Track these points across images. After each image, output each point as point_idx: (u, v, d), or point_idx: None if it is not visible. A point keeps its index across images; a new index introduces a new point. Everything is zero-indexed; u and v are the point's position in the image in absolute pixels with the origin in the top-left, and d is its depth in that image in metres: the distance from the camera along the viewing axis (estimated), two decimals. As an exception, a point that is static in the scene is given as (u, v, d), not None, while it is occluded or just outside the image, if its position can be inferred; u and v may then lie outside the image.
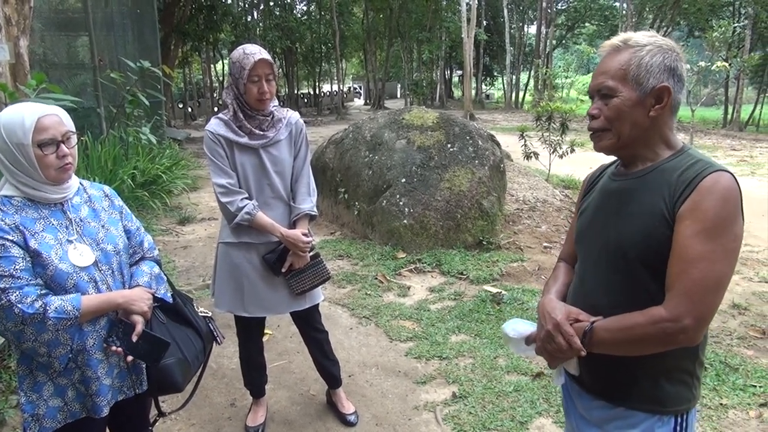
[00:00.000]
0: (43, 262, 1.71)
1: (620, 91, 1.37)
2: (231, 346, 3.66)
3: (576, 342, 1.38)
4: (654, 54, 1.36)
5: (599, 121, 1.42)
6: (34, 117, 1.71)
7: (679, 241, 1.30)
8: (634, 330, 1.32)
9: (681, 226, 1.30)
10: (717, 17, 24.82)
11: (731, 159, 13.52)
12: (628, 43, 1.39)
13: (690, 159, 1.37)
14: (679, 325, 1.27)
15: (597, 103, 1.42)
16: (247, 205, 2.56)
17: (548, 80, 24.99)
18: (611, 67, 1.39)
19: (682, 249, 1.29)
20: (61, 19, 9.39)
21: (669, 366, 1.40)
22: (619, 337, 1.35)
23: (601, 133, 1.43)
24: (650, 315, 1.30)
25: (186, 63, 28.31)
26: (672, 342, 1.31)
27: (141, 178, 7.46)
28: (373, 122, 6.74)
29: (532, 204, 6.87)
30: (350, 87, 50.72)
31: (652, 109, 1.37)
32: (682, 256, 1.29)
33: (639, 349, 1.35)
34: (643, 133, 1.40)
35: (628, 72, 1.36)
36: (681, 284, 1.28)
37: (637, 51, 1.37)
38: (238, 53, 2.51)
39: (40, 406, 1.77)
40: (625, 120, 1.38)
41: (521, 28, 39.62)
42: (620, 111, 1.37)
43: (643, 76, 1.35)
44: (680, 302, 1.27)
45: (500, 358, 3.65)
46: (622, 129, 1.39)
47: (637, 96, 1.36)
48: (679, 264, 1.29)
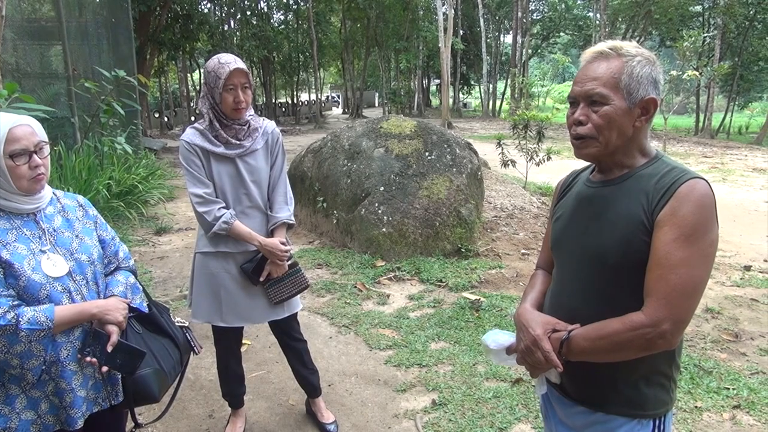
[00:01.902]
0: (15, 272, 1.68)
1: (612, 99, 1.36)
2: (209, 356, 3.62)
3: (553, 358, 1.40)
4: (644, 65, 1.37)
5: (587, 128, 1.40)
6: (6, 127, 1.69)
7: (657, 247, 1.32)
8: (614, 337, 1.33)
9: (660, 233, 1.32)
10: (687, 27, 25.40)
11: (703, 166, 13.79)
12: (619, 52, 1.38)
13: (665, 166, 1.39)
14: (658, 330, 1.29)
15: (584, 109, 1.40)
16: (224, 214, 2.54)
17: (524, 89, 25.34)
18: (602, 74, 1.38)
19: (661, 255, 1.31)
20: (34, 28, 9.25)
21: (647, 370, 1.42)
22: (598, 345, 1.36)
23: (587, 140, 1.41)
24: (629, 321, 1.32)
25: (162, 72, 28.13)
26: (652, 347, 1.32)
27: (117, 188, 7.36)
28: (352, 131, 6.75)
29: (509, 211, 6.93)
30: (328, 96, 50.76)
31: (638, 120, 1.39)
32: (661, 262, 1.30)
33: (619, 356, 1.37)
34: (625, 142, 1.41)
35: (620, 81, 1.36)
36: (660, 290, 1.30)
37: (628, 60, 1.37)
38: (214, 62, 2.51)
39: (12, 419, 1.73)
40: (614, 128, 1.38)
41: (497, 37, 40.11)
42: (611, 119, 1.37)
43: (633, 86, 1.36)
44: (659, 307, 1.29)
45: (479, 365, 3.66)
46: (610, 137, 1.39)
47: (626, 106, 1.37)
48: (658, 270, 1.31)
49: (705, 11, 26.67)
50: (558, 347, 1.40)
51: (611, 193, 1.44)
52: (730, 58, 25.90)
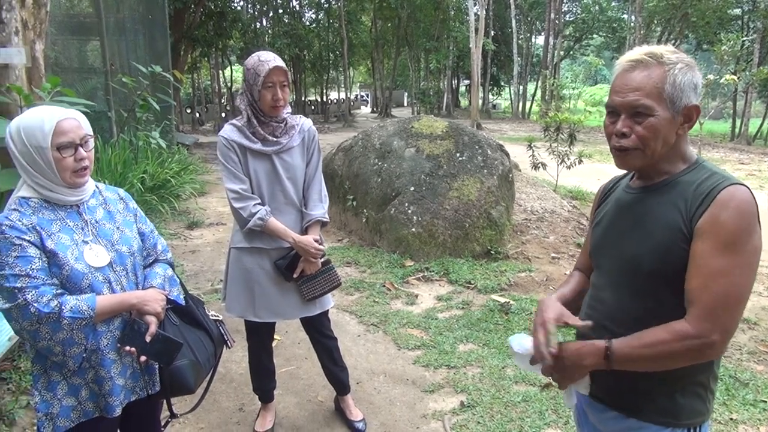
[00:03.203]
0: (59, 262, 1.72)
1: (656, 110, 1.32)
2: (239, 350, 3.67)
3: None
4: (685, 72, 1.33)
5: (631, 140, 1.36)
6: (54, 120, 1.73)
7: (698, 256, 1.29)
8: (660, 347, 1.30)
9: (700, 241, 1.29)
10: (725, 30, 24.81)
11: (740, 173, 13.47)
12: (659, 60, 1.34)
13: (705, 172, 1.36)
14: (706, 341, 1.26)
15: (626, 121, 1.36)
16: (259, 210, 2.57)
17: (555, 91, 25.06)
18: (644, 84, 1.33)
19: (703, 264, 1.28)
20: (74, 23, 9.47)
21: (683, 379, 1.39)
22: (643, 354, 1.33)
23: (632, 151, 1.37)
24: (675, 331, 1.29)
25: (195, 68, 28.49)
26: (699, 357, 1.31)
27: (150, 182, 7.49)
28: (383, 130, 6.76)
29: (540, 214, 6.86)
30: (357, 95, 50.90)
31: (681, 128, 1.36)
32: (702, 271, 1.28)
33: (663, 365, 1.34)
34: (669, 150, 1.38)
35: (663, 90, 1.32)
36: (703, 300, 1.27)
37: (671, 69, 1.33)
38: (253, 60, 2.53)
39: (54, 405, 1.77)
40: (659, 139, 1.34)
41: (529, 38, 39.74)
42: (656, 131, 1.33)
43: (676, 95, 1.32)
44: (705, 318, 1.26)
45: (508, 368, 3.64)
46: (655, 149, 1.35)
47: (670, 115, 1.33)
48: (700, 279, 1.28)
49: (744, 14, 26.07)
50: (602, 354, 1.37)
51: (650, 199, 1.42)
52: (770, 62, 25.23)
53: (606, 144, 1.49)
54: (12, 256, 1.65)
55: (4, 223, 1.68)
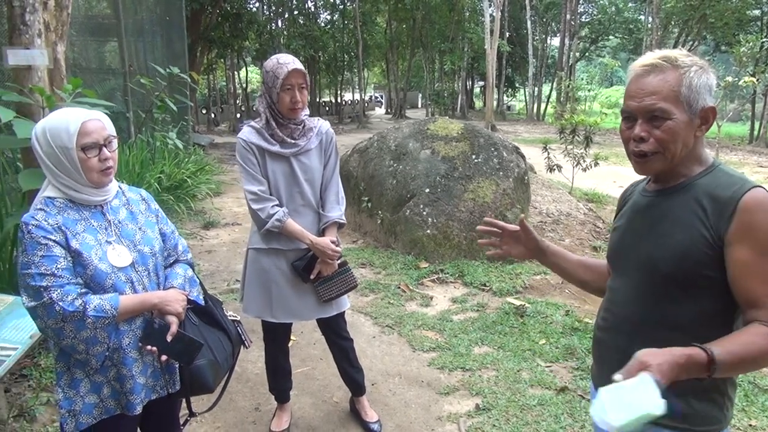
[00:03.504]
0: (84, 261, 1.75)
1: (674, 113, 1.33)
2: (254, 350, 3.69)
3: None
4: (700, 75, 1.34)
5: (650, 144, 1.36)
6: (79, 121, 1.76)
7: (749, 264, 1.28)
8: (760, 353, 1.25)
9: (742, 250, 1.29)
10: (744, 32, 24.49)
11: (758, 176, 13.32)
12: (674, 63, 1.34)
13: (722, 175, 1.37)
14: None
15: (644, 125, 1.36)
16: (277, 212, 2.59)
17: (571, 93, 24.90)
18: (660, 87, 1.34)
19: (759, 271, 1.28)
20: (92, 24, 9.58)
21: (699, 384, 1.37)
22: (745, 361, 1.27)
23: (652, 156, 1.38)
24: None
25: (210, 69, 28.69)
26: None
27: (167, 182, 7.56)
28: (398, 132, 6.77)
29: (555, 217, 6.83)
30: (371, 96, 50.93)
31: (698, 130, 1.36)
32: (760, 278, 1.28)
33: (755, 369, 1.37)
34: (687, 153, 1.38)
35: (679, 93, 1.33)
36: None
37: (686, 71, 1.34)
38: (272, 63, 2.55)
39: (76, 402, 1.80)
40: (679, 142, 1.35)
41: (544, 40, 39.54)
42: (675, 134, 1.34)
43: (693, 97, 1.33)
44: None
45: (524, 372, 3.63)
46: (675, 152, 1.36)
47: (687, 118, 1.34)
48: (763, 286, 1.28)
49: (764, 15, 25.72)
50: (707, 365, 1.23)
51: (667, 202, 1.42)
52: (790, 64, 24.89)
53: (622, 146, 1.49)
54: (38, 255, 1.68)
55: (30, 223, 1.71)
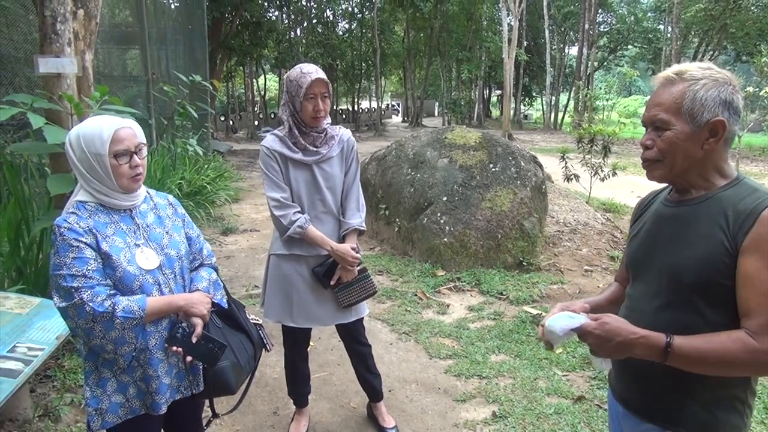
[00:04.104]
0: (113, 264, 1.80)
1: (673, 124, 1.38)
2: (273, 355, 3.73)
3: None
4: (709, 88, 1.36)
5: (652, 152, 1.44)
6: (112, 129, 1.82)
7: (751, 274, 1.30)
8: (726, 354, 1.30)
9: (750, 259, 1.31)
10: (766, 42, 24.27)
11: (779, 187, 13.15)
12: (682, 76, 1.39)
13: (747, 189, 1.38)
14: None
15: (650, 134, 1.44)
16: (299, 218, 2.63)
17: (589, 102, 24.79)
18: (665, 99, 1.40)
19: (758, 282, 1.30)
20: (116, 33, 9.75)
21: (721, 393, 1.40)
22: (706, 357, 1.32)
23: (654, 163, 1.45)
24: (743, 343, 1.29)
25: (230, 77, 29.01)
26: (763, 372, 1.34)
27: (187, 188, 7.67)
28: (416, 140, 6.81)
29: (572, 226, 6.82)
30: (388, 104, 51.11)
31: (706, 142, 1.38)
32: (759, 289, 1.30)
33: (723, 371, 1.35)
34: (696, 164, 1.41)
35: (681, 105, 1.37)
36: (763, 317, 1.29)
37: (691, 85, 1.37)
38: (296, 72, 2.60)
39: (103, 401, 1.85)
40: (678, 152, 1.39)
41: (562, 49, 39.46)
42: (673, 144, 1.39)
43: (697, 110, 1.36)
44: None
45: (540, 380, 3.63)
46: (674, 161, 1.41)
47: (690, 129, 1.37)
48: (757, 297, 1.30)
49: (786, 25, 25.46)
50: (661, 349, 1.34)
51: (689, 213, 1.44)
52: (812, 74, 24.57)
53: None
54: (70, 257, 1.74)
55: (62, 226, 1.77)
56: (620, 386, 1.61)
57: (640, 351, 1.36)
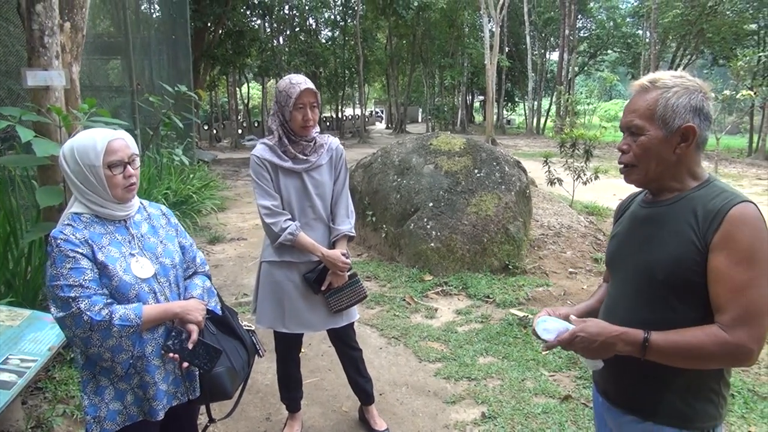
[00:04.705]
0: (109, 273, 1.84)
1: (647, 129, 1.47)
2: (265, 362, 3.77)
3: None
4: (680, 95, 1.45)
5: (628, 156, 1.52)
6: (105, 140, 1.86)
7: (720, 271, 1.38)
8: (699, 348, 1.38)
9: (719, 256, 1.39)
10: (741, 46, 24.76)
11: (757, 188, 13.41)
12: (656, 84, 1.48)
13: (715, 190, 1.47)
14: (745, 350, 1.36)
15: (626, 139, 1.53)
16: (290, 226, 2.68)
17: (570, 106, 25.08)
18: (639, 106, 1.49)
19: (727, 278, 1.37)
20: (99, 44, 9.73)
21: (695, 384, 1.48)
22: (680, 351, 1.40)
23: (630, 167, 1.53)
24: (715, 336, 1.37)
25: (213, 86, 28.93)
26: (736, 363, 1.42)
27: (173, 197, 7.67)
28: (402, 147, 6.89)
29: (557, 230, 6.92)
30: (372, 111, 51.23)
31: (678, 147, 1.47)
32: (728, 285, 1.37)
33: (694, 364, 1.43)
34: (669, 168, 1.49)
35: (655, 112, 1.46)
36: (734, 311, 1.37)
37: (664, 92, 1.46)
38: (285, 83, 2.66)
39: (101, 408, 1.88)
40: (652, 157, 1.48)
41: (543, 54, 39.84)
42: (647, 149, 1.48)
43: (669, 116, 1.45)
44: (739, 328, 1.36)
45: (528, 381, 3.70)
46: (648, 165, 1.49)
47: (663, 135, 1.46)
48: (727, 292, 1.38)
49: (760, 30, 25.95)
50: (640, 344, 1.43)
51: (662, 213, 1.52)
52: (787, 77, 25.09)
53: None
54: (66, 267, 1.77)
55: (58, 237, 1.81)
56: (602, 380, 1.69)
57: (622, 347, 1.44)
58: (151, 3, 12.26)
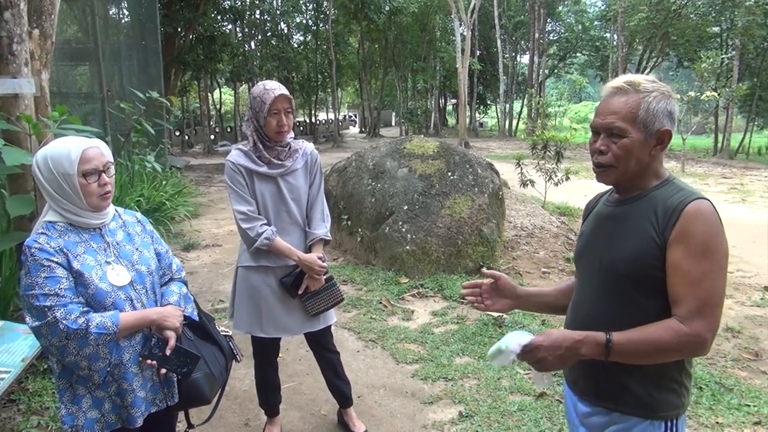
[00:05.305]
0: (85, 281, 1.84)
1: (630, 132, 1.51)
2: (242, 368, 3.76)
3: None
4: (659, 100, 1.51)
5: (607, 158, 1.55)
6: (80, 149, 1.86)
7: (677, 264, 1.45)
8: (658, 342, 1.44)
9: (676, 251, 1.45)
10: (705, 48, 25.43)
11: (722, 187, 13.77)
12: (636, 88, 1.52)
13: (673, 188, 1.54)
14: (700, 340, 1.42)
15: (604, 140, 1.55)
16: (266, 230, 2.70)
17: (541, 109, 25.46)
18: (620, 108, 1.52)
19: (683, 271, 1.44)
20: (68, 50, 9.59)
21: (658, 375, 1.55)
22: (641, 348, 1.46)
23: (608, 168, 1.57)
24: (672, 329, 1.43)
25: (184, 92, 28.65)
26: (691, 353, 1.49)
27: (146, 205, 7.57)
28: (376, 151, 6.93)
29: (529, 230, 7.03)
30: (345, 115, 51.26)
31: (653, 149, 1.53)
32: (684, 278, 1.44)
33: (657, 359, 1.49)
34: (644, 169, 1.56)
35: (637, 115, 1.50)
36: (690, 303, 1.43)
37: (645, 96, 1.51)
38: (259, 89, 2.68)
39: (79, 417, 1.88)
40: (631, 158, 1.53)
41: (514, 57, 40.39)
42: (628, 150, 1.52)
43: (650, 120, 1.50)
44: (696, 319, 1.42)
45: (504, 380, 3.76)
46: (627, 166, 1.54)
47: (643, 138, 1.51)
48: (683, 285, 1.44)
49: (723, 32, 26.71)
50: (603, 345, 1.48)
51: (626, 211, 1.59)
52: (749, 78, 25.85)
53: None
54: (41, 276, 1.77)
55: (33, 246, 1.80)
56: (571, 373, 1.75)
57: (586, 351, 1.49)
58: (120, 8, 12.12)
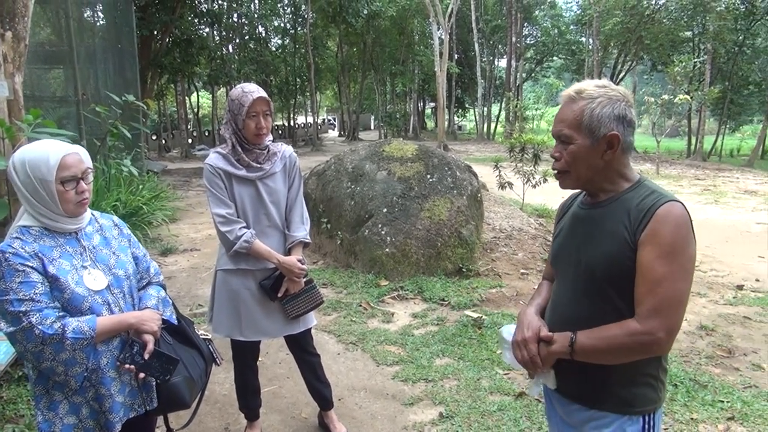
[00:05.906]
0: (61, 286, 1.82)
1: (576, 138, 1.56)
2: (221, 372, 3.74)
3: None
4: (604, 105, 1.54)
5: (561, 163, 1.62)
6: (59, 156, 1.83)
7: (643, 264, 1.49)
8: (613, 340, 1.50)
9: (644, 251, 1.49)
10: (678, 52, 25.90)
11: (695, 188, 14.03)
12: (581, 95, 1.57)
13: (646, 190, 1.57)
14: (654, 338, 1.46)
15: (558, 147, 1.63)
16: (245, 233, 2.69)
17: (519, 112, 25.68)
18: (567, 116, 1.58)
19: (647, 271, 1.48)
20: (41, 53, 9.44)
21: (635, 372, 1.58)
22: (600, 346, 1.52)
23: (563, 173, 1.63)
24: (627, 328, 1.48)
25: (161, 95, 28.35)
26: (647, 352, 1.51)
27: (123, 209, 7.48)
28: (355, 154, 6.94)
29: (508, 232, 7.09)
30: (324, 119, 51.16)
31: (605, 153, 1.57)
32: (647, 278, 1.48)
33: (617, 358, 1.53)
34: (599, 173, 1.60)
35: (581, 122, 1.55)
36: (650, 302, 1.47)
37: (588, 103, 1.55)
38: (238, 92, 2.68)
39: (56, 423, 1.86)
40: (581, 163, 1.58)
41: (492, 61, 40.66)
42: (576, 156, 1.58)
43: (594, 125, 1.54)
44: (651, 317, 1.46)
45: (483, 380, 3.79)
46: (579, 171, 1.59)
47: (590, 143, 1.56)
48: (646, 284, 1.48)
49: (695, 37, 27.23)
50: (568, 343, 1.55)
51: (599, 214, 1.63)
52: (721, 82, 26.41)
53: None
54: (16, 281, 1.75)
55: (7, 251, 1.77)
56: None
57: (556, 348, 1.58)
58: (95, 11, 11.96)
